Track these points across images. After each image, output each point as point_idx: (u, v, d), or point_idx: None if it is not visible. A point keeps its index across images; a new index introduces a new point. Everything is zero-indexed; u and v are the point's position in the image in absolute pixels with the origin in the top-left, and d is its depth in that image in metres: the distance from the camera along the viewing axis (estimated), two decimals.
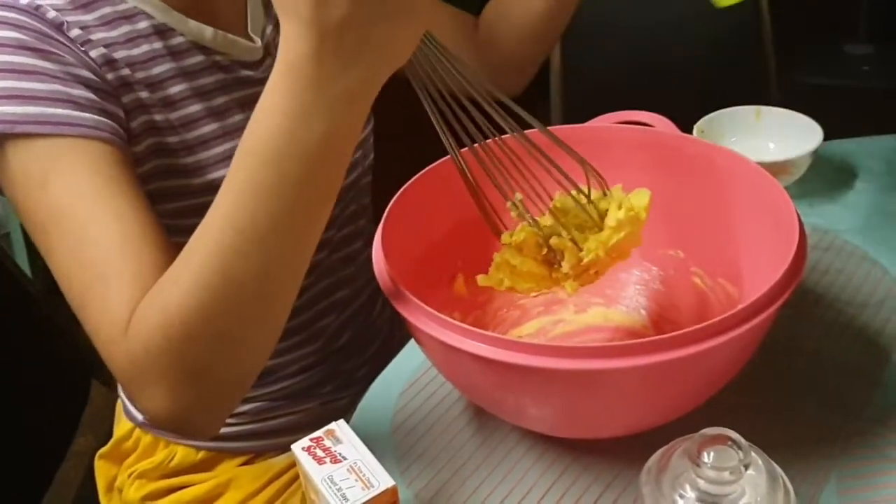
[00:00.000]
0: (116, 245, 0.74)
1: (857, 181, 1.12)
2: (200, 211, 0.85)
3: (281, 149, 0.65)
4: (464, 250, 0.90)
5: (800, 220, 0.76)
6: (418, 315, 0.72)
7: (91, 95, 0.80)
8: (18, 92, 0.76)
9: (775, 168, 1.04)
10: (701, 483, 0.61)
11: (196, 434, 0.78)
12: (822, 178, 1.11)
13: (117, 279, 0.73)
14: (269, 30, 0.96)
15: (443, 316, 0.70)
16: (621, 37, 1.52)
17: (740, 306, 0.68)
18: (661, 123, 0.92)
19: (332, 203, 0.70)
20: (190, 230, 0.80)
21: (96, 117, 0.79)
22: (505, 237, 0.79)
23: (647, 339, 0.66)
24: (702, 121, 1.12)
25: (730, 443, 0.61)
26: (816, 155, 1.07)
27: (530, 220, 0.77)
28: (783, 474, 0.64)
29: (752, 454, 0.62)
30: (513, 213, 0.77)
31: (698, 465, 0.61)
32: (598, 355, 0.67)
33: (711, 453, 0.61)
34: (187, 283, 0.68)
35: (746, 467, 0.61)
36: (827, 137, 1.08)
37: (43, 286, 1.56)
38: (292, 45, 0.63)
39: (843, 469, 0.76)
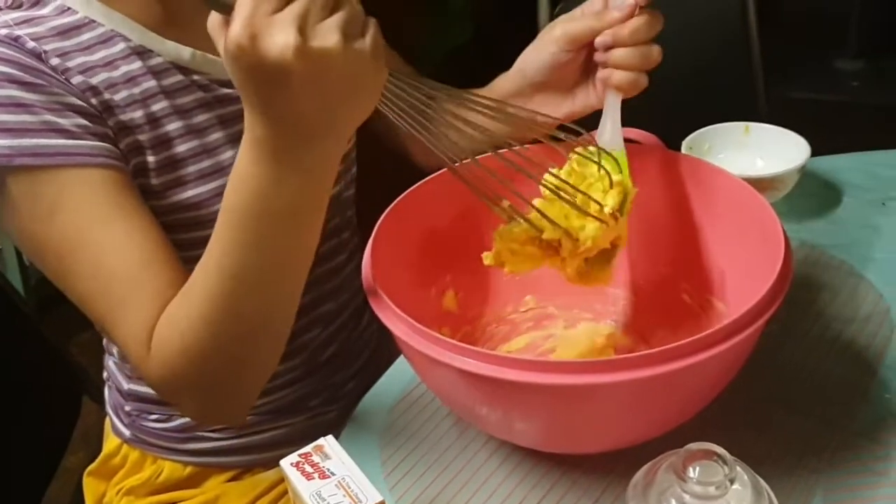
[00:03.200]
0: (133, 269, 0.79)
1: (845, 197, 1.13)
2: (180, 227, 0.87)
3: (257, 208, 0.70)
4: (453, 266, 0.91)
5: (785, 236, 0.76)
6: (407, 331, 0.72)
7: (83, 121, 0.80)
8: (11, 125, 0.77)
9: (763, 184, 1.04)
10: (687, 498, 0.62)
11: (226, 419, 0.92)
12: (810, 194, 1.12)
13: (137, 302, 0.79)
14: None
15: (431, 331, 0.71)
16: None
17: (727, 321, 0.68)
18: (647, 140, 0.92)
19: (317, 240, 0.75)
20: (175, 245, 0.83)
21: (91, 143, 0.80)
22: (496, 236, 0.80)
23: (634, 355, 0.67)
24: (690, 137, 1.13)
25: (715, 457, 0.62)
26: (804, 171, 1.08)
27: (522, 220, 0.78)
28: (768, 489, 0.64)
29: (738, 469, 0.62)
30: (502, 216, 0.79)
31: (684, 480, 0.61)
32: (585, 370, 0.67)
33: (697, 468, 0.62)
34: (197, 318, 0.75)
35: (732, 482, 0.61)
36: (816, 153, 1.09)
37: (35, 303, 1.56)
38: (252, 124, 0.67)
39: (830, 483, 0.76)
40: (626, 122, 0.94)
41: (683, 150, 1.10)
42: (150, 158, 0.86)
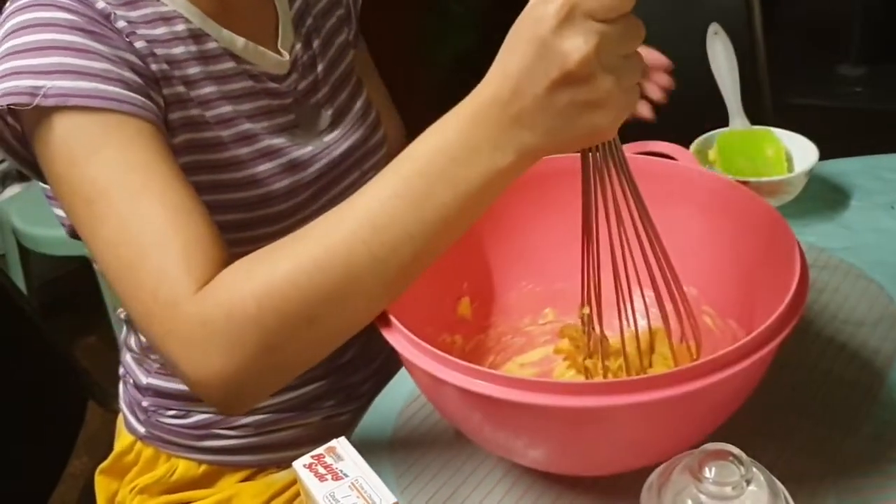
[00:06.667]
0: (169, 214, 0.75)
1: (852, 200, 1.13)
2: (235, 207, 0.89)
3: (439, 168, 0.67)
4: (470, 273, 0.90)
5: (801, 251, 0.75)
6: (407, 346, 0.71)
7: (138, 79, 0.82)
8: (72, 67, 0.78)
9: (771, 187, 1.04)
10: (703, 498, 0.61)
11: (238, 404, 0.77)
12: (818, 197, 1.12)
13: (173, 245, 0.74)
14: (297, 47, 0.99)
15: (432, 348, 0.69)
16: None
17: (741, 342, 0.66)
18: (681, 155, 0.90)
19: (460, 234, 0.71)
20: (224, 226, 0.81)
21: (144, 99, 0.81)
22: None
23: (643, 377, 0.65)
24: (698, 140, 1.13)
25: (731, 458, 0.61)
26: (812, 174, 1.08)
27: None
28: (784, 490, 0.64)
29: (754, 469, 0.62)
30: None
31: (700, 481, 0.61)
32: (591, 392, 0.65)
33: (713, 468, 0.61)
34: (305, 260, 0.69)
35: (748, 482, 0.61)
36: (821, 157, 1.09)
37: (38, 307, 1.56)
38: (489, 82, 0.66)
39: (843, 485, 0.76)
40: (634, 129, 0.93)
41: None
42: (208, 134, 0.88)
